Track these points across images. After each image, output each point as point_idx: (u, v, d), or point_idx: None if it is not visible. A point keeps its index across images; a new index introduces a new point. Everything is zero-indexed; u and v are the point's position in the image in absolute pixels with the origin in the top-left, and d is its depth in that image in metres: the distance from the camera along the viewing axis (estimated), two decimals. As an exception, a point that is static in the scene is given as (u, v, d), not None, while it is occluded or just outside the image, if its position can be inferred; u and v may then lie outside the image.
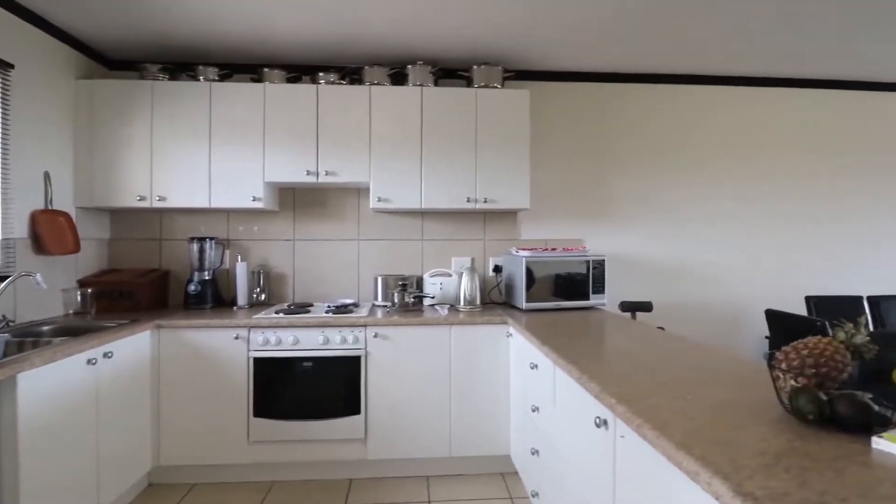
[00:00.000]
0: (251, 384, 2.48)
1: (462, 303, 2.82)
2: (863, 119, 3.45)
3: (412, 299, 2.81)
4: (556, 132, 3.26)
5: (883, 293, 3.22)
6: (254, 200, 2.75)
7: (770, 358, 1.22)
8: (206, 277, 2.91)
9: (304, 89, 2.80)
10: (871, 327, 2.96)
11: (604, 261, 2.83)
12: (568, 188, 3.27)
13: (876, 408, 1.00)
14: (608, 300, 3.19)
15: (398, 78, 2.99)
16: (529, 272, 2.75)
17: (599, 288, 2.83)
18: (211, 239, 2.94)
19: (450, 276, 3.03)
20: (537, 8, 2.37)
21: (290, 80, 2.94)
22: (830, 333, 1.30)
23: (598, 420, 1.32)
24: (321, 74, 2.90)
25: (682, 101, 3.32)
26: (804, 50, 2.87)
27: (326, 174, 2.78)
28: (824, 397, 1.03)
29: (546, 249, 2.92)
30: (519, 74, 3.19)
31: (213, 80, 2.86)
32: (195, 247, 2.91)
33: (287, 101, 2.79)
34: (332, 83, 2.88)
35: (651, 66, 3.15)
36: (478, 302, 2.84)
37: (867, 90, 3.44)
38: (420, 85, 2.89)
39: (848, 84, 3.41)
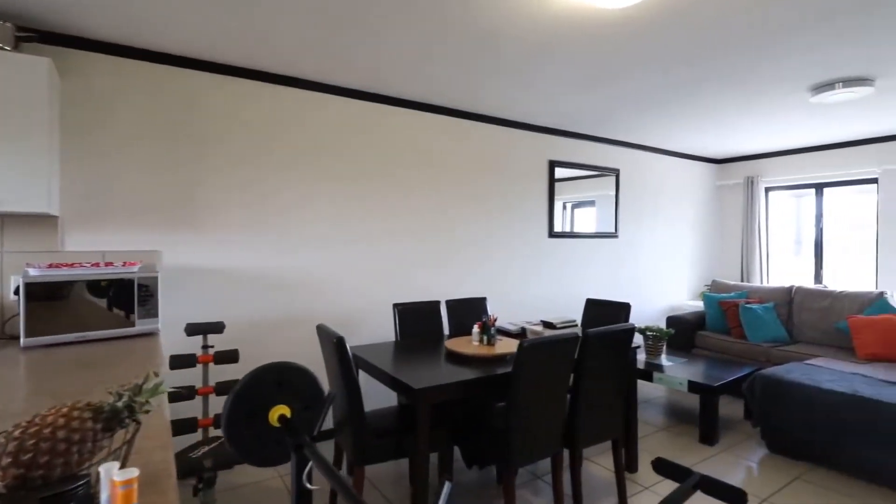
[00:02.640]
0: None
1: (-83, 345, 1.98)
2: (456, 144, 3.92)
3: None
4: (129, 120, 2.68)
5: (457, 297, 3.70)
6: None
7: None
8: None
9: None
10: (447, 330, 3.32)
11: (156, 278, 2.39)
12: (144, 189, 2.73)
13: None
14: (176, 322, 2.79)
15: None
16: (34, 295, 2.10)
17: (152, 311, 2.38)
18: None
19: (-78, 305, 2.13)
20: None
21: None
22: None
23: None
24: None
25: (292, 104, 3.16)
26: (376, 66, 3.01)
27: None
28: (-17, 506, 0.75)
29: (97, 264, 2.32)
30: (54, 39, 2.48)
31: None
32: None
33: None
34: None
35: (251, 62, 2.86)
36: (-50, 341, 2.04)
37: (451, 116, 3.93)
38: None
39: (432, 108, 3.83)
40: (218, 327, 2.56)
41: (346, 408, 2.15)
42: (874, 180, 4.90)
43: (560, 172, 4.61)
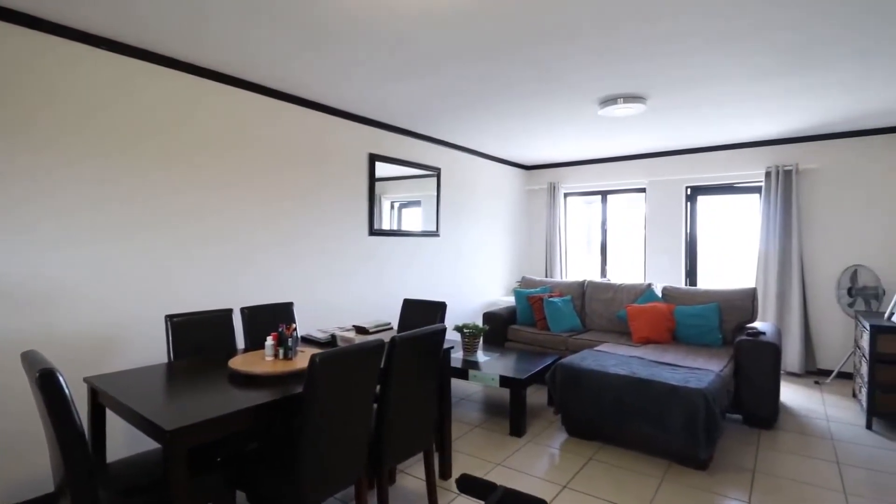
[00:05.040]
0: None
1: None
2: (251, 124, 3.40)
3: None
4: None
5: (257, 303, 3.23)
6: None
7: None
8: None
9: None
10: (242, 345, 2.80)
11: None
12: None
13: None
14: None
15: None
16: None
17: None
18: None
19: None
20: None
21: None
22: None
23: None
24: None
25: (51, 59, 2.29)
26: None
27: None
28: None
29: None
30: None
31: None
32: None
33: None
34: None
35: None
36: None
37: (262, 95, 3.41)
38: None
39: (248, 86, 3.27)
40: None
41: (60, 467, 1.54)
42: (643, 189, 5.80)
43: (384, 170, 4.39)
